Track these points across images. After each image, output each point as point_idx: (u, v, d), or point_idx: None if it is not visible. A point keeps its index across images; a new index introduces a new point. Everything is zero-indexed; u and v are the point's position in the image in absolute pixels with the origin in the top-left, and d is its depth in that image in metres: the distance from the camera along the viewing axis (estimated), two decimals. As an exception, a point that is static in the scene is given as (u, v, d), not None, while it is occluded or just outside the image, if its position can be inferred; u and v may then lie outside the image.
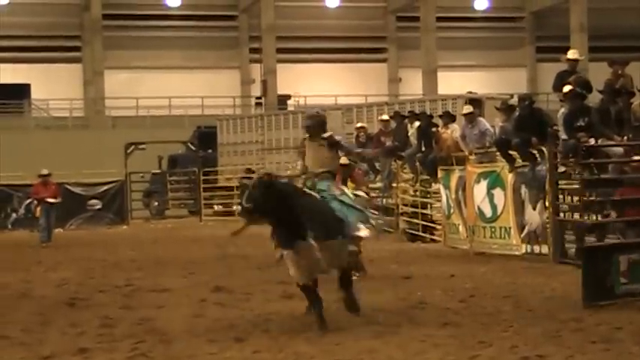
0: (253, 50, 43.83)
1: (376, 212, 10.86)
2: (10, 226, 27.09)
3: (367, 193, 14.56)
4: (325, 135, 9.87)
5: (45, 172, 22.13)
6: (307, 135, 10.05)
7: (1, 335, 9.17)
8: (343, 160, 14.31)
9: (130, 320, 9.86)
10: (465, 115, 17.86)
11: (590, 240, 13.35)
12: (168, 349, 8.27)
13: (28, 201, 22.45)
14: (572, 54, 16.01)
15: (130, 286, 13.05)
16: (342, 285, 9.51)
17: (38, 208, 22.07)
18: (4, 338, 9.03)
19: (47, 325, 9.80)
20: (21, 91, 41.50)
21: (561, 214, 14.41)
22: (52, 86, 41.39)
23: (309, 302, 9.24)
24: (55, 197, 21.99)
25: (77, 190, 28.10)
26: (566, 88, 14.53)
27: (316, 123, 10.00)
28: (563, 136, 14.42)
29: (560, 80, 15.59)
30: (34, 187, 22.55)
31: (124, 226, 27.91)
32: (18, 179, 25.76)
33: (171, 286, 12.76)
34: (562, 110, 14.89)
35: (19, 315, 10.58)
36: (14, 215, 27.17)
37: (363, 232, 9.53)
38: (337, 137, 10.04)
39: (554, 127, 14.78)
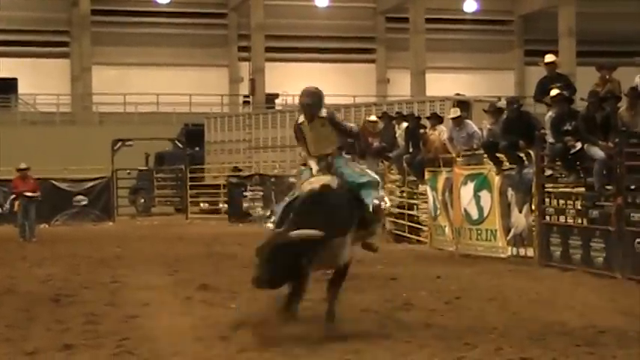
0: (242, 49, 43.83)
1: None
2: (-6, 221, 26.97)
3: None
4: (324, 114, 8.99)
5: (23, 166, 22.02)
6: (304, 117, 9.05)
7: (-14, 331, 9.16)
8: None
9: (115, 317, 9.84)
10: (452, 119, 17.89)
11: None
12: (154, 346, 8.25)
13: (14, 196, 22.34)
14: (548, 58, 16.07)
15: (116, 283, 13.03)
16: (332, 286, 9.14)
17: (16, 203, 21.99)
18: (-11, 334, 9.02)
19: (32, 321, 9.77)
20: (8, 86, 41.38)
21: (547, 217, 14.46)
22: (40, 81, 41.29)
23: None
24: (34, 191, 21.89)
25: (63, 185, 28.03)
26: (554, 92, 14.59)
27: (317, 100, 9.01)
28: (550, 139, 14.47)
29: (541, 88, 15.65)
30: (12, 181, 22.48)
31: (110, 223, 27.84)
32: (3, 174, 25.64)
33: (157, 284, 12.73)
34: (549, 114, 14.95)
35: (3, 310, 10.53)
36: (-1, 210, 27.06)
37: (384, 203, 9.10)
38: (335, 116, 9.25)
39: (542, 131, 14.83)
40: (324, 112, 9.02)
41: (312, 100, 8.98)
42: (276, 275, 8.27)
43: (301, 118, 9.12)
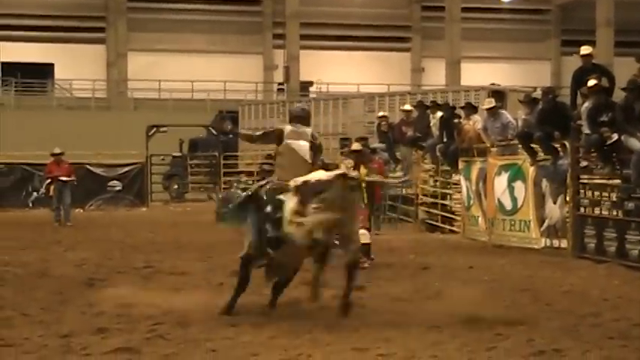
0: (277, 36, 43.84)
1: None
2: (30, 205, 27.27)
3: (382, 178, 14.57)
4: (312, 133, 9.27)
5: (58, 150, 22.23)
6: (292, 128, 9.17)
7: (22, 313, 9.24)
8: (356, 145, 14.32)
9: (148, 302, 9.86)
10: (487, 109, 17.80)
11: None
12: (186, 331, 8.29)
13: (49, 181, 22.56)
14: (584, 50, 15.91)
15: (149, 268, 13.10)
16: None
17: (51, 187, 22.19)
18: (25, 316, 9.10)
19: (65, 305, 9.85)
20: (45, 71, 41.75)
21: (582, 209, 14.36)
22: (76, 67, 41.58)
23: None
24: (68, 176, 22.08)
25: (98, 170, 28.25)
26: (591, 82, 14.45)
27: (308, 115, 9.44)
28: (586, 130, 14.36)
29: (577, 79, 15.52)
30: (47, 166, 22.69)
31: (144, 209, 27.99)
32: (40, 158, 25.85)
33: (190, 270, 12.79)
34: (585, 105, 14.81)
35: (37, 293, 10.63)
36: (35, 194, 27.33)
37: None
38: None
39: (578, 122, 14.72)
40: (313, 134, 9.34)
41: (305, 113, 9.44)
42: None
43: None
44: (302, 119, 9.39)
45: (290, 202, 8.62)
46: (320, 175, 8.80)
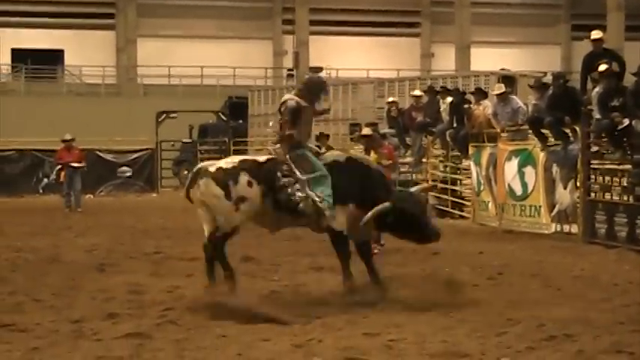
0: (286, 21, 43.76)
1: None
2: (41, 191, 27.36)
3: (392, 163, 14.54)
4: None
5: (68, 136, 22.30)
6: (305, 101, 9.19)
7: (33, 298, 9.29)
8: (366, 130, 14.30)
9: (159, 287, 9.92)
10: (497, 95, 17.76)
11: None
12: (197, 317, 8.31)
13: (59, 167, 22.62)
14: (595, 34, 15.85)
15: (159, 254, 13.14)
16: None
17: (62, 173, 22.26)
18: (36, 301, 9.15)
19: (77, 290, 9.90)
20: (54, 57, 41.78)
21: (592, 194, 14.33)
22: (86, 53, 41.60)
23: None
24: (79, 162, 22.14)
25: (108, 156, 28.32)
26: (602, 67, 14.40)
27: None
28: (596, 115, 14.32)
29: (587, 66, 15.47)
30: (57, 152, 22.74)
31: (154, 194, 28.06)
32: (50, 145, 25.91)
33: (200, 255, 12.73)
34: (596, 89, 14.76)
35: (49, 279, 10.68)
36: (45, 180, 27.42)
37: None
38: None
39: (588, 107, 14.67)
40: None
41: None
42: None
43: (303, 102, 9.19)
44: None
45: None
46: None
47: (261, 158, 9.15)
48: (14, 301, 9.15)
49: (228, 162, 9.14)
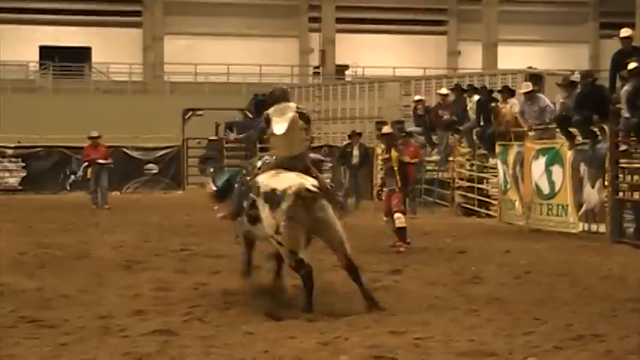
0: (312, 19, 43.75)
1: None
2: (68, 188, 27.52)
3: (412, 163, 14.50)
4: (302, 109, 9.04)
5: (95, 134, 22.41)
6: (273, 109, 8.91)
7: (61, 294, 9.33)
8: (386, 128, 14.28)
9: (186, 284, 9.95)
10: (524, 93, 17.68)
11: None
12: (223, 314, 8.33)
13: (86, 164, 22.75)
14: (624, 32, 15.74)
15: (186, 251, 13.18)
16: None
17: (89, 170, 22.37)
18: (64, 297, 9.19)
19: (104, 287, 9.94)
20: (82, 55, 42.00)
21: (620, 193, 14.22)
22: (113, 50, 41.79)
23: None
24: (105, 159, 22.25)
25: (134, 154, 28.44)
26: (631, 66, 14.30)
27: (287, 94, 9.18)
28: (625, 114, 14.22)
29: (615, 64, 15.37)
30: (84, 149, 22.86)
31: (180, 192, 28.15)
32: (77, 142, 26.05)
33: (227, 253, 12.83)
34: (625, 88, 14.66)
35: (76, 275, 10.74)
36: (73, 177, 27.59)
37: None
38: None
39: (617, 105, 14.58)
40: (302, 108, 9.09)
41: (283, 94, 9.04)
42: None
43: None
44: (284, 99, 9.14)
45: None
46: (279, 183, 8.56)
47: None
48: (42, 297, 9.20)
49: None
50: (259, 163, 9.10)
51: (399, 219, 13.32)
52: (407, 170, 13.76)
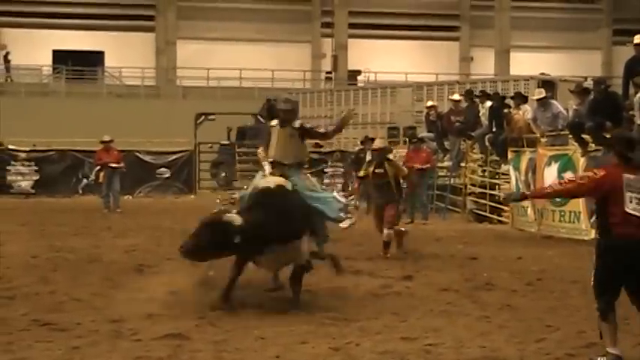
0: (325, 25, 43.80)
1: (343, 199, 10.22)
2: (80, 191, 27.57)
3: (423, 168, 14.30)
4: (297, 124, 9.50)
5: (107, 138, 22.46)
6: (279, 121, 9.58)
7: (73, 298, 9.37)
8: (377, 143, 14.14)
9: (197, 289, 9.94)
10: (537, 99, 17.64)
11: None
12: (235, 319, 8.34)
13: (98, 167, 22.80)
14: (638, 39, 15.69)
15: (198, 256, 13.15)
16: (291, 282, 9.14)
17: (101, 174, 22.41)
18: (76, 301, 9.23)
19: (116, 290, 9.96)
20: (95, 59, 42.14)
21: (633, 201, 14.16)
22: (125, 54, 41.91)
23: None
24: (117, 163, 22.30)
25: (147, 158, 28.44)
26: (644, 72, 14.28)
27: (295, 108, 9.68)
28: (638, 120, 14.18)
29: (629, 70, 15.31)
30: (96, 153, 22.92)
31: (192, 196, 28.15)
32: (89, 145, 26.13)
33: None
34: (638, 95, 14.62)
35: (88, 279, 10.77)
36: (85, 181, 27.61)
37: (345, 222, 9.51)
38: (307, 125, 9.71)
39: (630, 112, 14.54)
40: (297, 124, 9.49)
41: (291, 106, 9.62)
42: (201, 250, 8.69)
43: (275, 122, 9.61)
44: (289, 113, 9.57)
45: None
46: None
47: None
48: (55, 301, 9.24)
49: None
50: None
51: (389, 235, 13.04)
52: (407, 182, 13.52)
